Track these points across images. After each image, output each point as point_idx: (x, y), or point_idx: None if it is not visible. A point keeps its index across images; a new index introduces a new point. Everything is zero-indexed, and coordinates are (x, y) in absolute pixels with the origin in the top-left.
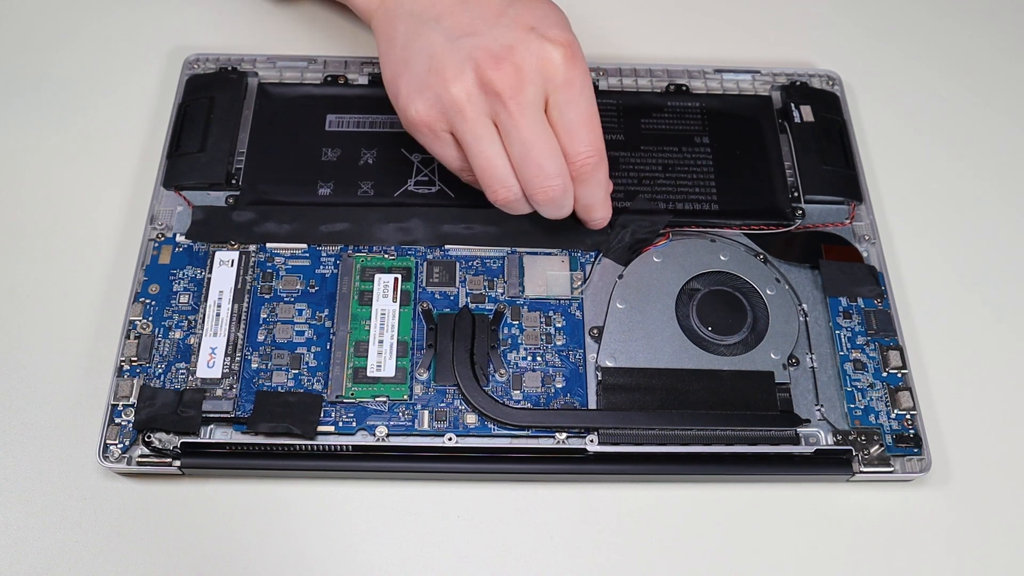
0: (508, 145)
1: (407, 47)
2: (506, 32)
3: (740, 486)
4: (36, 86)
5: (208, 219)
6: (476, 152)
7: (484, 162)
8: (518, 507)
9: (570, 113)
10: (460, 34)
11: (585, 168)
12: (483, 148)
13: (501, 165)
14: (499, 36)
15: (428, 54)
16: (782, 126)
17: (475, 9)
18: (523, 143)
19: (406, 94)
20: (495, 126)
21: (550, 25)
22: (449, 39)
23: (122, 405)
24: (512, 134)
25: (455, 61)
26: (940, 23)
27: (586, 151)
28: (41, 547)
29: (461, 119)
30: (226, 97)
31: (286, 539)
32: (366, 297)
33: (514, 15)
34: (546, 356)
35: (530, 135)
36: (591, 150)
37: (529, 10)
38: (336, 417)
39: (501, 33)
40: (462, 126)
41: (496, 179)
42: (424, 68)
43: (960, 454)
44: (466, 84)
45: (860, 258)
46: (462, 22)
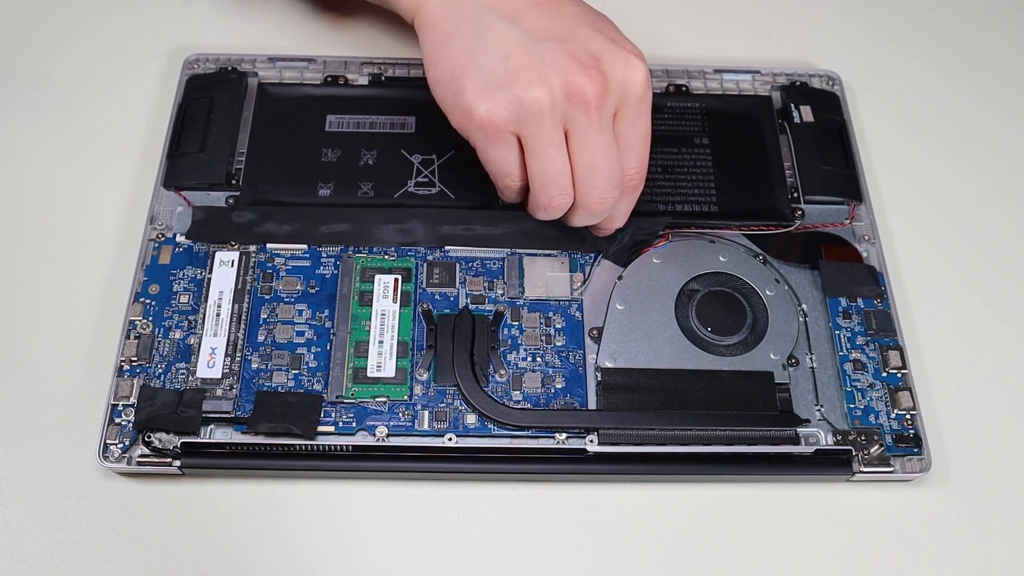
0: (577, 153)
1: (476, 43)
2: (589, 40)
3: (740, 486)
4: (36, 86)
5: (208, 219)
6: (544, 157)
7: (550, 168)
8: (518, 507)
9: (637, 128)
10: (542, 37)
11: (631, 184)
12: (552, 154)
13: (564, 172)
14: (584, 43)
15: (505, 53)
16: (782, 126)
17: (551, 13)
18: (593, 153)
19: (474, 91)
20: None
21: (625, 41)
22: (531, 40)
23: (122, 405)
24: (586, 143)
25: (539, 63)
26: (940, 23)
27: (637, 167)
28: (41, 547)
29: (538, 123)
30: (226, 97)
31: (286, 539)
32: (366, 298)
33: (593, 24)
34: (546, 357)
35: (602, 146)
36: (640, 167)
37: (605, 23)
38: (336, 417)
39: (584, 40)
40: (538, 131)
41: (557, 186)
42: (500, 66)
43: (960, 454)
44: (551, 88)
45: (860, 258)
46: (540, 25)
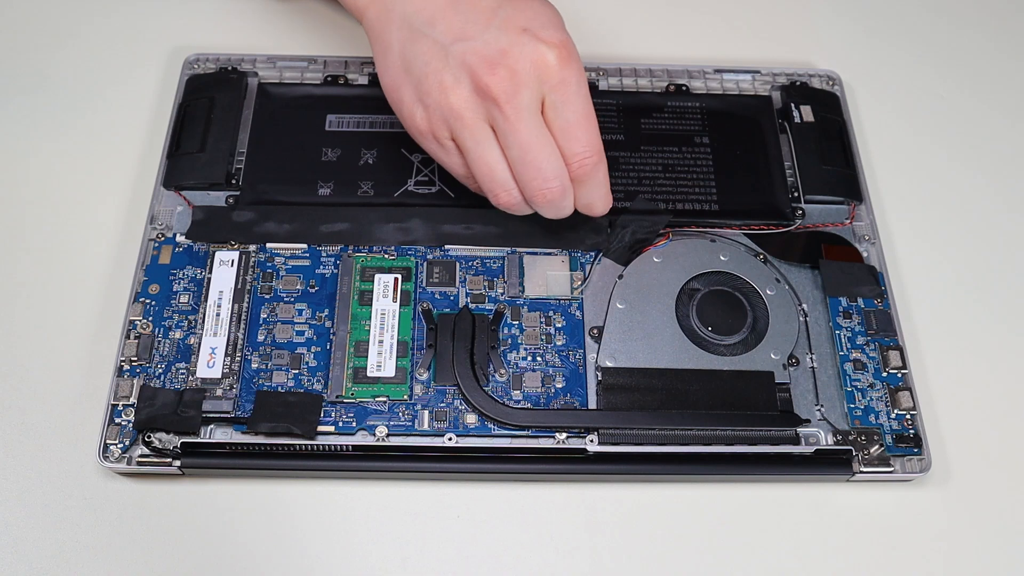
0: (506, 149)
1: (404, 54)
2: (499, 35)
3: (740, 486)
4: (36, 86)
5: (208, 219)
6: (476, 157)
7: (484, 167)
8: (518, 507)
9: (566, 113)
10: (453, 39)
11: (584, 168)
12: (482, 153)
13: (501, 170)
14: (491, 40)
15: (424, 61)
16: (782, 126)
17: (467, 11)
18: (520, 147)
19: (409, 103)
20: (493, 131)
21: (542, 25)
22: (443, 45)
23: (122, 405)
24: (509, 138)
25: (451, 68)
26: (940, 23)
27: (583, 151)
28: (41, 547)
29: (460, 126)
30: (226, 97)
31: (286, 539)
32: (366, 297)
33: (505, 16)
34: (546, 356)
35: (526, 138)
36: (588, 150)
37: (520, 11)
38: (336, 417)
39: (493, 36)
40: (462, 133)
41: (496, 183)
42: (422, 77)
43: (960, 454)
44: (463, 91)
45: (860, 258)
46: (454, 26)
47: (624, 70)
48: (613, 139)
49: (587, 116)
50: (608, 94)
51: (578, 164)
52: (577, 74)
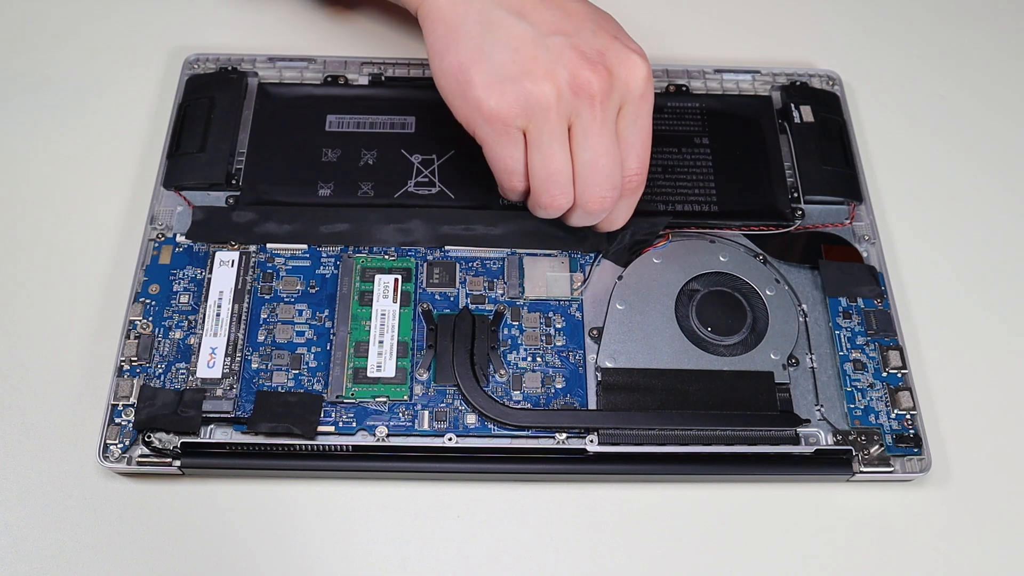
0: (579, 149)
1: (484, 36)
2: (594, 37)
3: (740, 486)
4: (36, 86)
5: (208, 219)
6: (547, 154)
7: (552, 164)
8: (518, 507)
9: (637, 127)
10: (551, 31)
11: (632, 184)
12: (555, 151)
13: (566, 170)
14: (589, 39)
15: (513, 47)
16: (782, 126)
17: (558, 11)
18: (594, 149)
19: (483, 84)
20: (568, 130)
21: (628, 39)
22: (540, 35)
23: (122, 405)
24: (588, 139)
25: (547, 58)
26: (940, 23)
27: (637, 167)
28: (41, 547)
29: (543, 118)
30: (226, 97)
31: (286, 539)
32: (366, 298)
33: (597, 22)
34: (546, 357)
35: (603, 143)
36: (642, 168)
37: (609, 21)
38: (336, 417)
39: (590, 37)
40: (543, 125)
41: (558, 184)
42: (508, 60)
43: (960, 454)
44: (558, 82)
45: (860, 258)
46: (547, 20)
47: None
48: None
49: (650, 135)
50: None
51: (628, 178)
52: (653, 93)
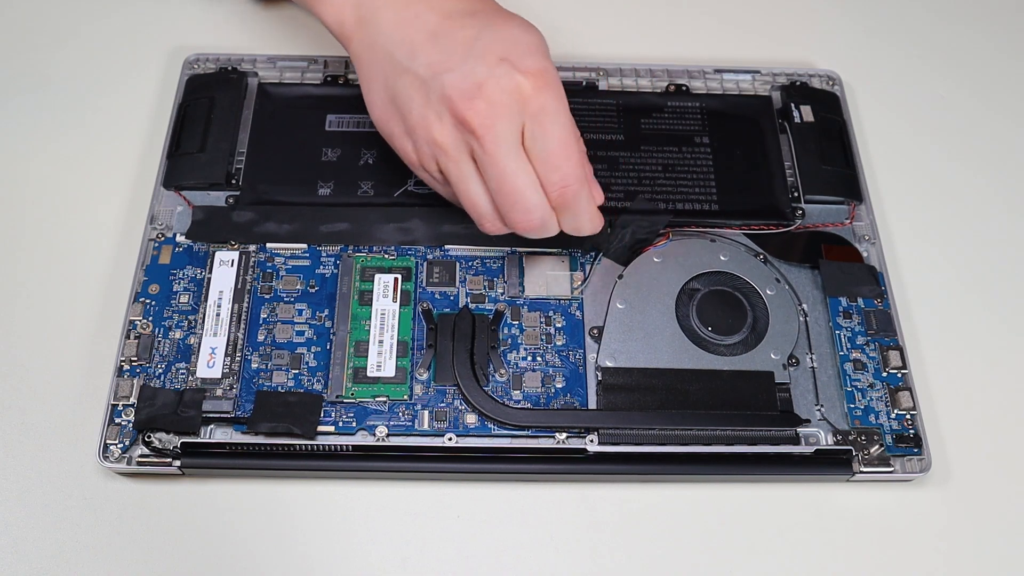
0: (487, 180)
1: (389, 88)
2: (476, 66)
3: (740, 486)
4: (36, 86)
5: (208, 219)
6: (461, 190)
7: (468, 198)
8: (518, 507)
9: (544, 142)
10: (433, 73)
11: (564, 197)
12: (466, 185)
13: (484, 201)
14: (469, 71)
15: (407, 97)
16: (782, 126)
17: (445, 42)
18: (498, 178)
19: (399, 136)
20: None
21: (521, 54)
22: (424, 80)
23: (122, 405)
24: (488, 170)
25: (433, 102)
26: (940, 23)
27: (561, 180)
28: (41, 547)
29: (445, 159)
30: (226, 97)
31: (286, 539)
32: (366, 297)
33: (483, 46)
34: (546, 356)
35: (504, 169)
36: (568, 178)
37: (499, 39)
38: (336, 417)
39: (471, 68)
40: (447, 165)
41: (480, 214)
42: (407, 111)
43: (960, 454)
44: (445, 126)
45: (860, 258)
46: (433, 59)
47: (624, 70)
48: (613, 139)
49: (566, 143)
50: (608, 94)
51: (558, 193)
52: (555, 101)
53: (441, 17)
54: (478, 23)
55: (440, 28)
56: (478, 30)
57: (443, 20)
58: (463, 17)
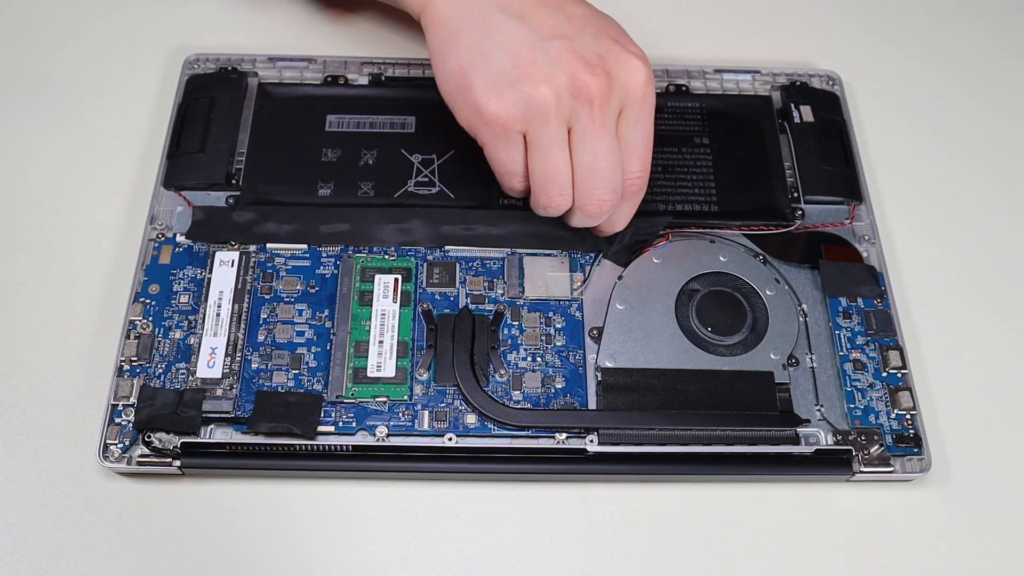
0: (578, 152)
1: (484, 40)
2: (594, 40)
3: (740, 486)
4: (37, 86)
5: (208, 219)
6: (547, 156)
7: (551, 167)
8: (518, 507)
9: (638, 129)
10: (550, 35)
11: (633, 187)
12: (555, 153)
13: (565, 172)
14: (589, 43)
15: (513, 51)
16: (782, 126)
17: (559, 14)
18: (594, 152)
19: (484, 88)
20: (568, 133)
21: (629, 42)
22: (538, 38)
23: (122, 405)
24: (587, 142)
25: (546, 61)
26: (940, 23)
27: (639, 169)
28: (41, 547)
29: (543, 121)
30: (226, 97)
31: (286, 539)
32: (366, 297)
33: (598, 26)
34: (546, 357)
35: (603, 146)
36: (643, 170)
37: (610, 25)
38: (336, 417)
39: (590, 40)
40: (543, 128)
41: (556, 186)
42: (508, 64)
43: (960, 454)
44: (557, 86)
45: (860, 258)
46: (548, 24)
47: None
48: None
49: (651, 138)
50: None
51: (631, 181)
52: (654, 95)
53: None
54: (584, 4)
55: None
56: (590, 10)
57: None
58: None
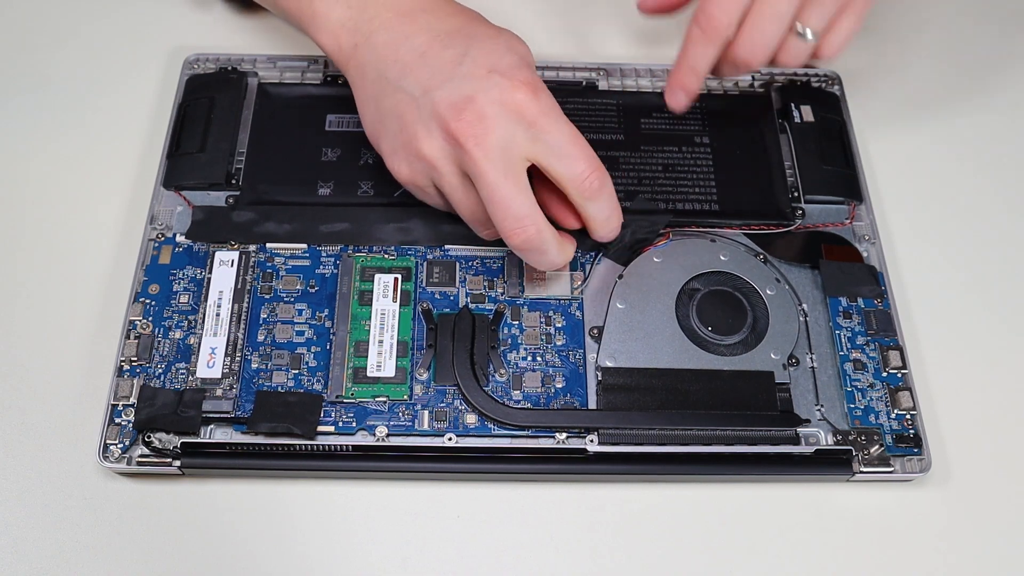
0: (479, 191)
1: (380, 109)
2: (464, 81)
3: (740, 486)
4: (37, 87)
5: (208, 219)
6: (455, 201)
7: (462, 209)
8: (518, 507)
9: (554, 139)
10: (423, 90)
11: (592, 186)
12: (459, 198)
13: (476, 210)
14: (457, 87)
15: (398, 114)
16: (782, 126)
17: (434, 61)
18: (488, 187)
19: (389, 153)
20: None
21: (508, 66)
22: (414, 97)
23: (122, 405)
24: (478, 180)
25: (423, 120)
26: (940, 23)
27: (585, 169)
28: (41, 547)
29: (438, 176)
30: (226, 97)
31: (286, 539)
32: (366, 297)
33: (472, 60)
34: (546, 356)
35: (494, 178)
36: (590, 167)
37: (487, 52)
38: (336, 417)
39: (459, 83)
40: (440, 180)
41: (477, 223)
42: (397, 129)
43: (960, 454)
44: (435, 141)
45: (860, 258)
46: (423, 77)
47: (624, 70)
48: (613, 139)
49: (576, 136)
50: (608, 94)
51: (585, 183)
52: (552, 104)
53: (430, 37)
54: (465, 41)
55: (429, 48)
56: (465, 47)
57: (432, 40)
58: (450, 36)
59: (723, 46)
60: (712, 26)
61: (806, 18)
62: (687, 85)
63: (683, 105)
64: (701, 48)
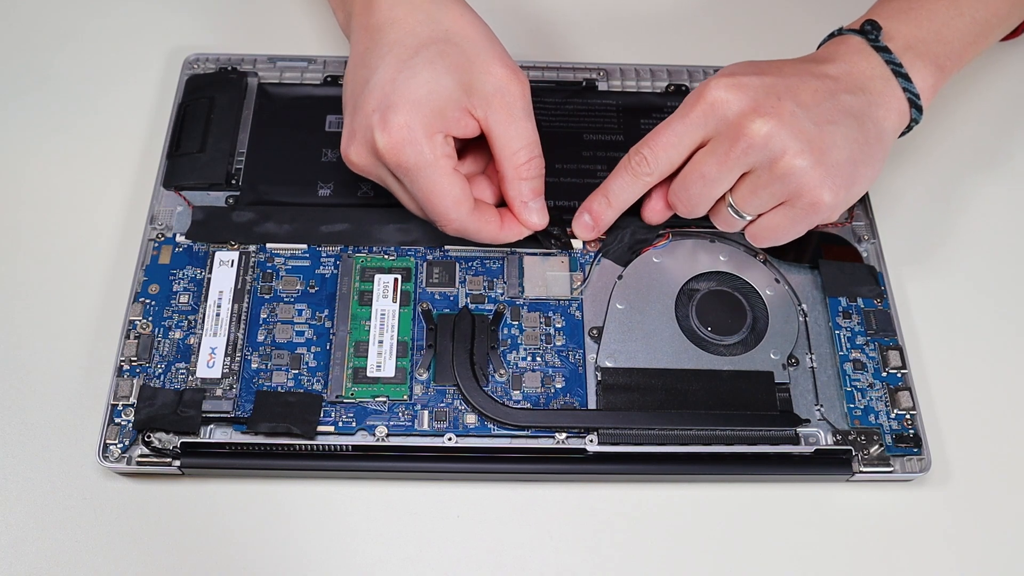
0: None
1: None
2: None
3: (740, 486)
4: (37, 87)
5: (208, 219)
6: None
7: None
8: (518, 507)
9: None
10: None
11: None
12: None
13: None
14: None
15: None
16: None
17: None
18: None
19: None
20: None
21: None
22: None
23: (122, 405)
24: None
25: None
26: None
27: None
28: (41, 547)
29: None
30: (226, 97)
31: (286, 539)
32: (366, 297)
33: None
34: (546, 356)
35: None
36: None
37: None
38: (336, 417)
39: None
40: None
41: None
42: None
43: (960, 454)
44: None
45: (860, 258)
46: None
47: (624, 70)
48: (613, 139)
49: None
50: (608, 94)
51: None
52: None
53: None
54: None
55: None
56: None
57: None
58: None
59: (646, 187)
60: (639, 166)
61: (739, 195)
62: (596, 212)
63: (587, 235)
64: (622, 182)
